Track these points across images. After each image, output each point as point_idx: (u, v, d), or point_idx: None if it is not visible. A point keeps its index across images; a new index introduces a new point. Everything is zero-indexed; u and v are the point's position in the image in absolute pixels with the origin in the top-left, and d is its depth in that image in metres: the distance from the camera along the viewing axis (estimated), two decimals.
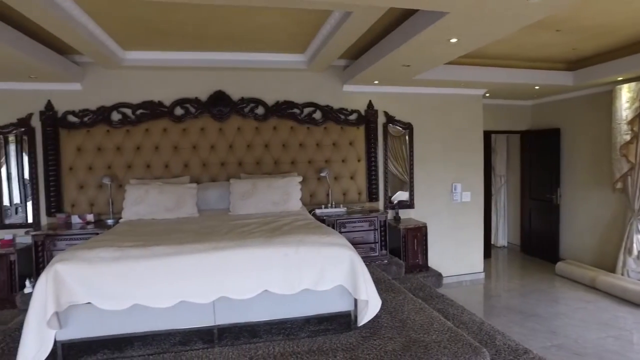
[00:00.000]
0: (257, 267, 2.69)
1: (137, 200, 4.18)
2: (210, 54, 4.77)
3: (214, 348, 2.79)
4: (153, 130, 4.80)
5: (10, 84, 4.58)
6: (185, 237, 3.04)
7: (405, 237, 5.13)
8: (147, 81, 4.84)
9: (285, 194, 4.38)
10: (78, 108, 4.70)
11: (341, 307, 2.97)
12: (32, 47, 3.79)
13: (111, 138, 4.73)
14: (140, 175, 4.73)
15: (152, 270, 2.60)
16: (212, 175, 4.90)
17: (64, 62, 4.37)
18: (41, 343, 2.48)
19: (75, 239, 4.21)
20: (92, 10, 3.45)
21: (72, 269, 2.53)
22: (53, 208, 4.63)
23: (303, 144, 5.16)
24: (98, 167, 4.70)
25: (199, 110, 4.89)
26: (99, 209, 4.72)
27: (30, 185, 4.72)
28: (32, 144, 4.66)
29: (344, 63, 5.25)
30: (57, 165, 4.64)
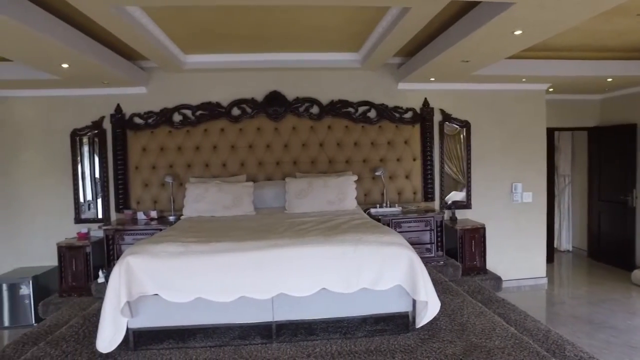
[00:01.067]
0: (315, 265, 2.71)
1: (197, 198, 4.35)
2: (266, 55, 4.87)
3: (272, 344, 2.84)
4: (211, 130, 4.98)
5: (86, 90, 4.94)
6: (244, 234, 3.12)
7: (463, 238, 4.96)
8: (206, 83, 5.02)
9: (341, 193, 4.39)
10: (143, 110, 4.98)
11: (399, 308, 2.92)
12: (108, 55, 4.07)
13: (173, 138, 4.96)
14: (199, 174, 4.93)
15: (213, 265, 2.69)
16: (267, 174, 5.01)
17: (132, 68, 4.64)
18: (116, 329, 2.65)
19: (141, 233, 4.46)
20: (158, 17, 3.63)
21: (141, 261, 2.67)
22: (121, 204, 4.93)
23: (358, 142, 5.14)
24: (161, 166, 4.94)
25: (255, 110, 5.01)
26: (161, 205, 4.96)
27: (101, 183, 5.06)
28: (103, 145, 4.99)
29: (398, 61, 5.17)
30: (125, 165, 4.93)
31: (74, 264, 4.57)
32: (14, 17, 2.77)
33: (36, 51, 3.44)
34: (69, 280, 4.58)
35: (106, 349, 2.66)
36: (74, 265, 4.57)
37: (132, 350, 2.79)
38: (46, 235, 5.05)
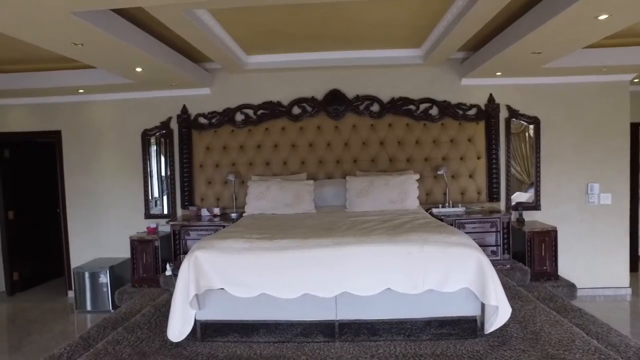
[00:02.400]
0: (379, 264, 2.66)
1: (259, 196, 4.44)
2: (326, 54, 4.87)
3: (335, 342, 2.82)
4: (272, 129, 5.06)
5: (155, 92, 5.22)
6: (307, 232, 3.13)
7: (531, 241, 4.67)
8: (267, 83, 5.12)
9: (402, 192, 4.29)
10: (207, 110, 5.16)
11: (466, 312, 2.80)
12: (176, 58, 4.26)
13: (235, 137, 5.10)
14: (260, 172, 5.03)
15: (278, 262, 2.72)
16: (327, 173, 5.01)
17: (197, 70, 4.82)
18: (185, 320, 2.76)
19: (205, 229, 4.62)
20: (223, 18, 3.74)
21: (208, 256, 2.76)
22: (186, 201, 5.15)
23: (419, 141, 5.00)
24: (224, 164, 5.10)
25: (315, 109, 5.03)
26: (223, 203, 5.12)
27: (168, 181, 5.32)
28: (170, 144, 5.24)
29: (462, 55, 4.98)
30: (190, 163, 5.15)
31: (144, 256, 4.83)
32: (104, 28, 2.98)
33: (116, 57, 3.67)
34: (140, 271, 4.85)
35: (176, 338, 2.78)
36: (144, 258, 4.83)
37: (199, 341, 2.89)
38: (120, 229, 5.39)
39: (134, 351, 2.80)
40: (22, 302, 5.49)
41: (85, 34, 3.03)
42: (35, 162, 6.15)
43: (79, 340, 3.34)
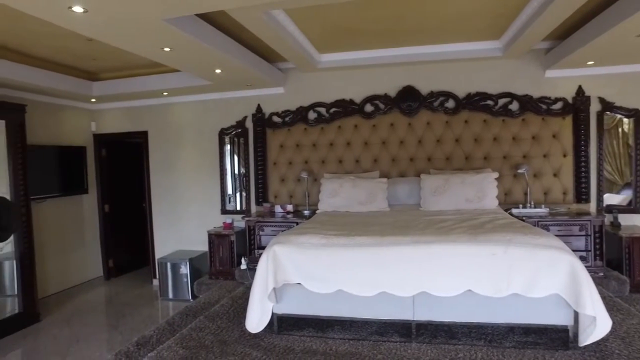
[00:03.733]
0: (460, 264, 2.55)
1: (332, 193, 4.47)
2: (399, 50, 4.77)
3: (411, 343, 2.76)
4: (345, 127, 5.06)
5: (232, 93, 5.45)
6: (383, 230, 3.09)
7: (630, 247, 4.23)
8: (339, 81, 5.13)
9: (480, 190, 4.10)
10: (281, 109, 5.29)
11: (556, 320, 2.60)
12: (252, 59, 4.41)
13: (308, 135, 5.17)
14: (333, 170, 5.06)
15: (355, 259, 2.71)
16: (400, 171, 4.92)
17: (272, 70, 4.96)
18: (262, 312, 2.84)
19: (278, 226, 4.74)
20: (298, 18, 3.80)
21: (286, 251, 2.82)
22: (260, 198, 5.32)
23: (497, 137, 4.74)
24: (296, 162, 5.20)
25: (388, 106, 4.95)
26: (296, 200, 5.21)
27: (242, 178, 5.52)
28: (245, 143, 5.44)
29: (546, 45, 4.63)
30: (264, 161, 5.30)
31: (220, 250, 5.06)
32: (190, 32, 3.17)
33: (199, 60, 3.87)
34: (217, 264, 5.09)
35: (254, 330, 2.87)
36: (220, 252, 5.07)
37: (275, 333, 2.96)
38: (198, 223, 5.71)
39: (216, 339, 2.94)
40: (116, 287, 6.01)
41: (174, 39, 3.23)
42: (125, 160, 6.68)
43: (165, 324, 3.58)
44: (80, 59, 4.71)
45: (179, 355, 2.70)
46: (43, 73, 4.72)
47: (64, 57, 4.59)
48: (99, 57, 4.67)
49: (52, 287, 5.52)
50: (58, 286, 5.65)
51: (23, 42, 4.06)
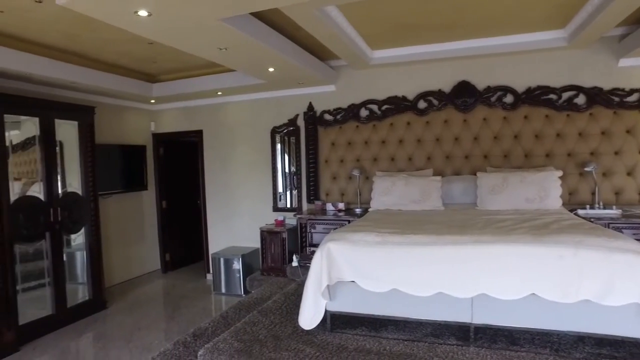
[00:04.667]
0: (524, 266, 2.42)
1: (384, 191, 4.40)
2: (454, 44, 4.61)
3: (469, 347, 2.64)
4: (397, 124, 4.97)
5: (283, 91, 5.52)
6: (439, 228, 2.99)
7: None
8: (392, 77, 5.04)
9: (542, 190, 3.87)
10: (332, 107, 5.28)
11: (635, 332, 2.39)
12: (305, 57, 4.43)
13: (360, 133, 5.12)
14: (385, 168, 4.98)
15: (411, 257, 2.64)
16: (455, 169, 4.75)
17: (324, 68, 4.96)
18: (316, 309, 2.84)
19: (330, 223, 4.73)
20: (351, 14, 3.76)
21: (341, 248, 2.79)
22: (312, 195, 5.34)
23: (561, 133, 4.46)
24: (348, 160, 5.17)
25: (443, 102, 4.80)
26: (347, 198, 5.19)
27: (292, 176, 5.57)
28: (297, 141, 5.48)
29: (620, 32, 4.29)
30: (316, 159, 5.32)
31: (272, 247, 5.14)
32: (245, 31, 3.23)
33: (253, 58, 3.94)
34: (269, 261, 5.17)
35: (307, 326, 2.87)
36: (272, 249, 5.14)
37: (329, 331, 2.95)
38: (250, 220, 5.83)
39: (269, 333, 2.97)
40: (172, 280, 6.27)
41: (229, 38, 3.31)
42: (181, 158, 6.96)
43: (220, 318, 3.68)
44: (141, 62, 4.95)
45: (234, 348, 2.75)
46: (109, 76, 5.01)
47: (128, 61, 4.84)
48: (158, 60, 4.89)
49: (116, 277, 5.86)
50: (121, 277, 5.98)
51: (93, 48, 4.33)
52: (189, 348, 3.11)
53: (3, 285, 3.89)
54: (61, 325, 4.47)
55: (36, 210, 4.28)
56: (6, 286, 3.91)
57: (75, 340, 4.22)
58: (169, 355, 3.00)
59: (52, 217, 4.41)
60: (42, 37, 3.94)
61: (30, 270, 4.31)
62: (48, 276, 4.42)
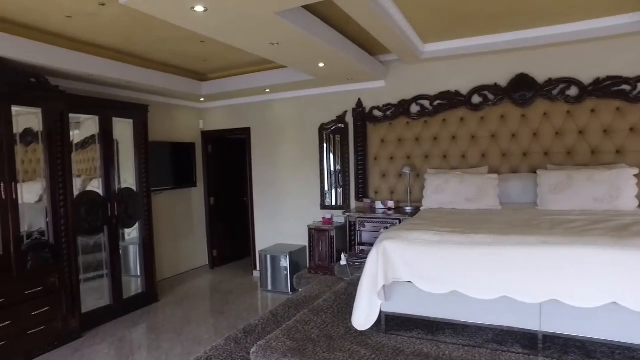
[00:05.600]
0: (603, 271, 2.21)
1: (437, 189, 4.23)
2: (512, 34, 4.35)
3: (537, 357, 2.46)
4: (450, 120, 4.78)
5: (332, 88, 5.45)
6: (502, 228, 2.82)
7: None
8: (444, 71, 4.85)
9: (613, 189, 3.57)
10: (382, 103, 5.15)
11: None
12: (355, 51, 4.34)
13: (410, 129, 4.97)
14: (437, 165, 4.80)
15: (472, 258, 2.49)
16: (512, 166, 4.50)
17: (373, 63, 4.84)
18: (370, 310, 2.74)
19: (380, 222, 4.62)
20: (404, 5, 3.62)
21: (397, 247, 2.68)
22: (360, 193, 5.24)
23: (635, 128, 4.10)
24: (398, 157, 5.03)
25: (499, 96, 4.56)
26: (397, 196, 5.05)
27: (339, 174, 5.49)
28: (345, 138, 5.40)
29: None
30: (364, 156, 5.21)
31: (320, 245, 5.08)
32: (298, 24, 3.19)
33: (304, 53, 3.89)
34: (316, 259, 5.12)
35: (361, 327, 2.79)
36: (320, 247, 5.09)
37: (383, 332, 2.85)
38: (297, 218, 5.81)
39: (322, 333, 2.91)
40: (220, 276, 6.37)
41: (283, 32, 3.27)
42: (228, 155, 7.06)
43: (269, 315, 3.66)
44: (193, 61, 5.04)
45: (287, 347, 2.71)
46: (162, 75, 5.13)
47: (180, 60, 4.94)
48: (209, 58, 4.95)
49: (166, 271, 6.02)
50: (171, 271, 6.14)
51: (148, 48, 4.44)
52: (240, 344, 3.11)
53: (68, 275, 4.07)
54: (118, 315, 4.63)
55: (96, 204, 4.45)
56: (71, 276, 4.10)
57: (130, 330, 4.36)
58: (221, 351, 3.01)
59: (109, 212, 4.58)
60: (103, 39, 4.09)
61: (90, 261, 4.49)
62: (106, 268, 4.59)
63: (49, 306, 3.90)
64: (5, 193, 3.62)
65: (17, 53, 3.67)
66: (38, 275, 3.85)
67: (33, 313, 3.78)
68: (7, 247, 3.65)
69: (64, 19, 3.55)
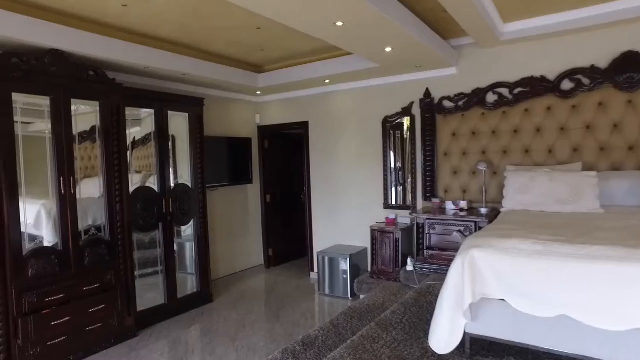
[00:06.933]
0: None
1: (521, 189, 3.68)
2: (616, 4, 3.67)
3: None
4: (534, 109, 4.18)
5: (397, 77, 5.01)
6: (620, 238, 2.27)
7: None
8: (527, 55, 4.25)
9: None
10: (453, 93, 4.64)
11: None
12: (427, 33, 3.87)
13: (486, 121, 4.42)
14: (518, 161, 4.22)
15: (590, 275, 1.99)
16: (613, 163, 3.83)
17: (445, 47, 4.34)
18: (452, 331, 2.31)
19: (452, 224, 4.13)
20: None
21: (487, 257, 2.23)
22: (428, 192, 4.76)
23: None
24: (472, 152, 4.49)
25: (596, 80, 3.90)
26: (470, 195, 4.52)
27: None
28: (412, 131, 4.93)
29: None
30: (433, 151, 4.73)
31: (384, 248, 4.67)
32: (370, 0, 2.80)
33: (371, 35, 3.47)
34: (379, 263, 4.72)
35: (441, 350, 2.36)
36: (384, 250, 4.68)
37: (467, 357, 2.40)
38: (357, 217, 5.43)
39: (393, 354, 2.52)
40: (275, 276, 6.13)
41: (349, 9, 2.89)
42: (284, 151, 6.81)
43: (330, 325, 3.32)
44: (249, 51, 4.80)
45: None
46: (217, 67, 4.94)
47: (235, 50, 4.72)
48: (266, 48, 4.69)
49: (221, 270, 5.87)
50: (226, 270, 5.98)
51: (202, 38, 4.25)
52: (298, 358, 2.79)
53: (124, 273, 3.98)
54: (172, 314, 4.51)
55: (151, 200, 4.34)
56: (126, 273, 4.00)
57: (184, 331, 4.20)
58: None
59: (164, 208, 4.45)
60: (158, 29, 3.94)
61: (145, 258, 4.39)
62: (160, 264, 4.47)
63: (105, 304, 3.82)
64: (65, 188, 3.56)
65: (76, 46, 3.58)
66: (95, 272, 3.77)
67: (90, 310, 3.71)
68: (66, 242, 3.59)
69: (120, 9, 3.42)
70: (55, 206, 3.52)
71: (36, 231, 3.49)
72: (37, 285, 3.39)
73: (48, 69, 3.46)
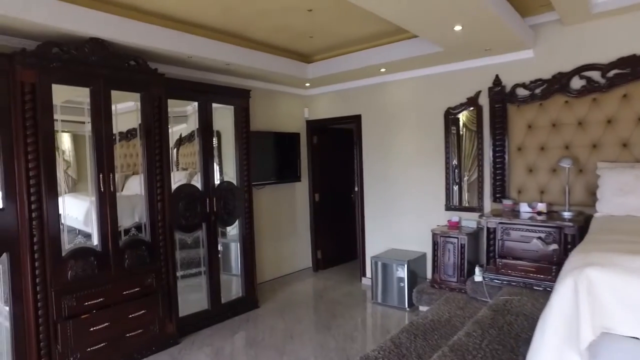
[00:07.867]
0: None
1: (623, 189, 3.06)
2: None
3: None
4: (634, 95, 3.51)
5: (461, 64, 4.47)
6: None
7: None
8: (624, 30, 3.58)
9: None
10: (529, 79, 4.04)
11: None
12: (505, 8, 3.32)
13: (570, 110, 3.80)
14: (612, 157, 3.58)
15: None
16: None
17: (523, 27, 3.77)
18: None
19: (528, 230, 3.57)
20: None
21: (611, 280, 1.71)
22: (497, 193, 4.19)
23: None
24: (552, 146, 3.89)
25: None
26: (549, 197, 3.91)
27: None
28: (479, 124, 4.37)
29: None
30: (503, 146, 4.16)
31: (447, 254, 4.17)
32: None
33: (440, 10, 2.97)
34: (441, 271, 4.21)
35: None
36: (447, 256, 4.17)
37: None
38: (415, 219, 4.94)
39: None
40: (324, 280, 5.75)
41: None
42: (334, 147, 6.40)
43: (391, 345, 2.90)
44: (297, 38, 4.43)
45: None
46: (264, 56, 4.61)
47: (283, 36, 4.36)
48: (316, 34, 4.31)
49: (267, 273, 5.56)
50: (272, 273, 5.67)
51: (247, 23, 3.93)
52: None
53: (165, 276, 3.74)
54: (215, 321, 4.24)
55: (194, 199, 4.07)
56: (168, 277, 3.77)
57: (228, 340, 3.91)
58: None
59: (207, 207, 4.18)
60: (199, 14, 3.65)
61: (187, 259, 4.14)
62: (203, 265, 4.21)
63: (146, 309, 3.58)
64: (104, 185, 3.35)
65: (117, 34, 3.36)
66: (135, 275, 3.54)
67: (130, 315, 3.48)
68: (105, 242, 3.38)
69: None
70: (95, 205, 3.32)
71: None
72: (76, 288, 3.21)
73: (88, 59, 3.25)
